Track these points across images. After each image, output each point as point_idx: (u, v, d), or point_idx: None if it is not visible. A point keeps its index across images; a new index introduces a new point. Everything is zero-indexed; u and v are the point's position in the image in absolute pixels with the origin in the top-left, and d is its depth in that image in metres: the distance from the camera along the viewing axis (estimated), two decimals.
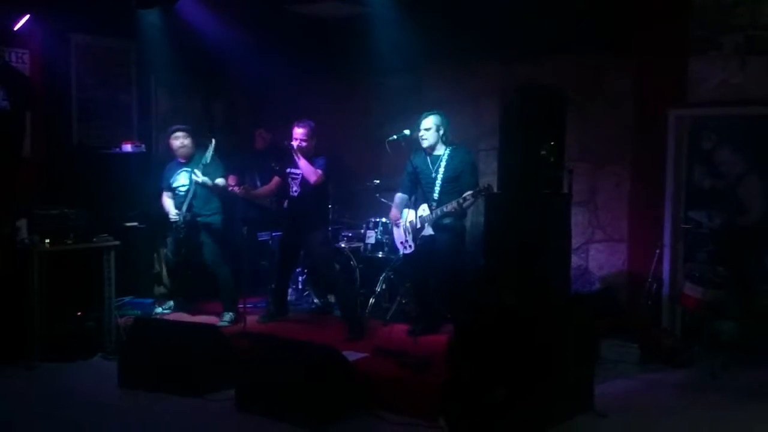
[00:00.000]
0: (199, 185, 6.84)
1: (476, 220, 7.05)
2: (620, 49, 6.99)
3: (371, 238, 7.31)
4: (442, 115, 6.37)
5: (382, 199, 7.42)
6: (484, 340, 4.91)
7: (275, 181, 7.01)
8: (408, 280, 6.84)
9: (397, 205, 6.62)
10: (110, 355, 6.45)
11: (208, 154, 6.81)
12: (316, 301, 7.52)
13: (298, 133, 6.65)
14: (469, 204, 6.00)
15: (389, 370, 5.47)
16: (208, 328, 6.26)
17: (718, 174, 6.66)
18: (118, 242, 6.84)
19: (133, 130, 8.18)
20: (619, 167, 7.12)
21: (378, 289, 7.16)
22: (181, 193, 7.00)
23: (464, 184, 6.16)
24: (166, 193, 7.17)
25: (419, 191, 6.14)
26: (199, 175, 6.77)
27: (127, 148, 7.63)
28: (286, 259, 6.99)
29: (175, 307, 7.36)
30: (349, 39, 7.98)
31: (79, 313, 6.67)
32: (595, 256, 7.30)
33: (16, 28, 7.14)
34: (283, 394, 5.16)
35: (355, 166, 8.20)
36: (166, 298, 7.49)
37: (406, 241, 6.45)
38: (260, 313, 7.07)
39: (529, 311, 4.99)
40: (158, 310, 7.28)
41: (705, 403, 5.44)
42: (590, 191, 7.27)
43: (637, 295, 6.82)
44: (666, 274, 6.80)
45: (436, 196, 6.24)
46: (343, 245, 7.44)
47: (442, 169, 6.28)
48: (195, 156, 7.00)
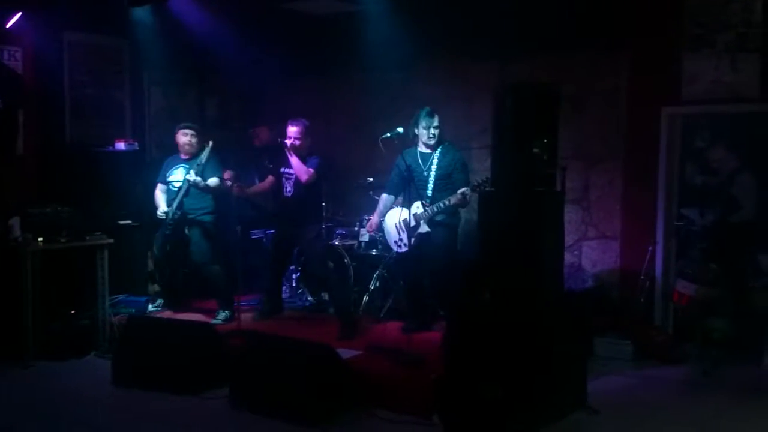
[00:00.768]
0: (192, 185, 6.84)
1: (469, 217, 7.05)
2: (613, 47, 7.00)
3: (365, 235, 7.31)
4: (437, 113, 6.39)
5: (376, 197, 7.40)
6: (477, 338, 4.92)
7: (269, 180, 7.01)
8: (402, 278, 6.86)
9: (380, 212, 6.63)
10: (104, 354, 6.46)
11: (204, 155, 6.82)
12: (309, 298, 7.53)
13: (292, 131, 6.65)
14: (470, 198, 6.02)
15: (383, 368, 5.48)
16: (202, 326, 6.27)
17: (710, 171, 6.68)
18: (112, 240, 6.86)
19: (126, 128, 8.18)
20: (612, 165, 7.12)
21: (372, 287, 7.16)
22: (174, 189, 7.00)
23: (457, 181, 6.20)
24: (161, 186, 7.15)
25: (412, 189, 6.12)
26: (192, 175, 6.77)
27: (120, 146, 7.64)
28: (280, 257, 6.99)
29: (164, 304, 7.36)
30: (342, 36, 7.97)
31: (72, 312, 6.69)
32: (588, 253, 7.31)
33: (8, 26, 7.12)
34: (276, 391, 5.17)
35: (348, 164, 8.20)
36: (157, 296, 7.49)
37: (401, 239, 6.45)
38: (254, 311, 7.07)
39: (519, 308, 5.00)
40: (149, 307, 7.28)
41: (697, 400, 5.46)
42: (583, 189, 7.27)
43: (629, 292, 6.82)
44: (659, 272, 6.81)
45: (430, 193, 6.25)
46: (336, 243, 7.44)
47: (434, 167, 6.29)
48: (197, 155, 7.01)
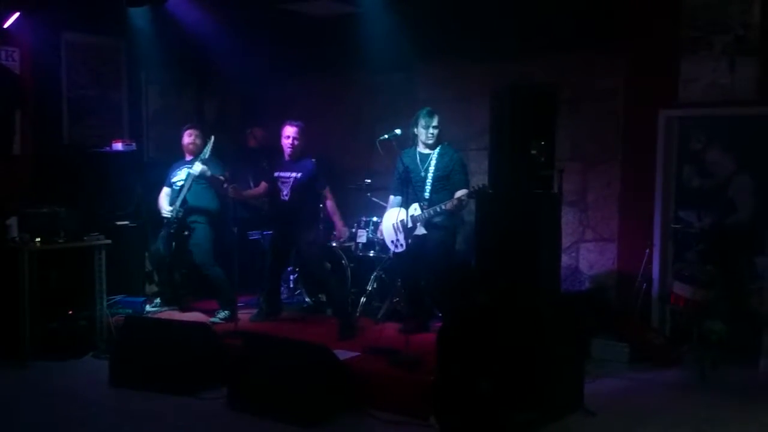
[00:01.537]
0: (196, 180, 6.84)
1: (467, 219, 7.06)
2: (611, 49, 7.01)
3: (362, 237, 7.30)
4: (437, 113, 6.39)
5: (374, 198, 7.42)
6: (473, 339, 4.92)
7: (262, 186, 7.02)
8: (399, 279, 6.86)
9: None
10: (102, 354, 6.45)
11: (207, 150, 6.81)
12: (307, 300, 7.53)
13: (290, 131, 6.67)
14: (467, 204, 6.02)
15: (381, 369, 5.47)
16: (200, 327, 6.26)
17: (707, 174, 6.69)
18: (110, 241, 6.85)
19: (123, 128, 8.18)
20: (610, 167, 7.14)
21: (369, 288, 7.16)
22: (177, 188, 7.02)
23: (456, 182, 6.20)
24: (165, 189, 7.17)
25: (409, 190, 6.10)
26: (198, 166, 6.75)
27: (118, 146, 7.63)
28: (278, 258, 6.98)
29: (162, 303, 7.35)
30: (341, 38, 7.97)
31: (70, 312, 6.69)
32: (585, 255, 7.32)
33: (6, 26, 7.13)
34: (274, 392, 5.17)
35: (346, 166, 8.21)
36: (155, 296, 7.49)
37: (398, 240, 6.45)
38: (252, 312, 7.07)
39: (516, 310, 5.00)
40: (147, 308, 7.27)
41: (694, 403, 5.46)
42: (580, 191, 7.28)
43: (627, 294, 6.84)
44: (656, 274, 6.82)
45: (427, 195, 6.25)
46: (334, 244, 7.43)
47: (432, 168, 6.29)
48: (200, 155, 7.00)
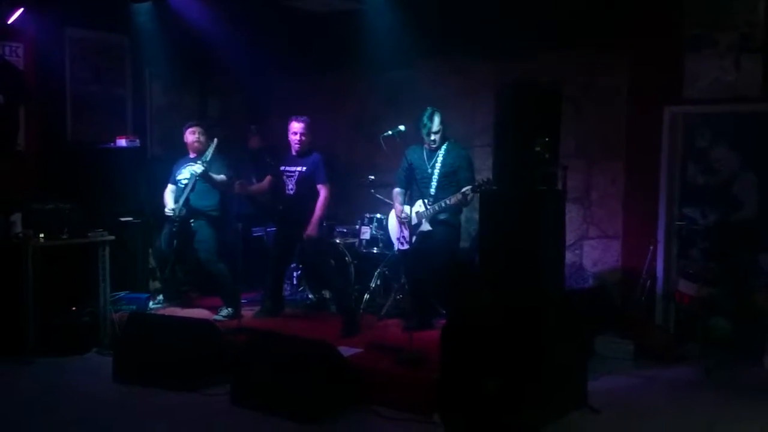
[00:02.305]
0: (199, 180, 6.83)
1: (471, 216, 7.05)
2: (615, 46, 7.00)
3: (366, 233, 7.30)
4: (440, 112, 6.34)
5: (378, 195, 7.41)
6: (477, 337, 4.92)
7: (267, 179, 7.01)
8: (403, 275, 6.85)
9: (400, 201, 6.59)
10: (105, 350, 6.47)
11: (209, 152, 6.80)
12: (311, 296, 7.52)
13: (297, 127, 6.67)
14: (471, 198, 6.01)
15: (384, 366, 5.47)
16: (203, 323, 6.27)
17: (712, 171, 6.68)
18: (113, 237, 6.86)
19: (127, 124, 8.19)
20: (614, 164, 7.13)
21: (373, 285, 7.16)
22: (181, 186, 7.01)
23: (462, 179, 6.18)
24: (171, 187, 7.16)
25: (414, 187, 6.10)
26: (198, 166, 6.75)
27: (122, 142, 7.65)
28: (281, 255, 6.98)
29: (165, 300, 7.35)
30: (344, 35, 7.95)
31: (73, 308, 6.69)
32: (590, 252, 7.31)
33: (10, 22, 7.13)
34: (278, 388, 5.17)
35: (350, 162, 8.20)
36: (158, 292, 7.49)
37: (403, 236, 6.45)
38: (256, 309, 7.07)
39: (519, 308, 5.00)
40: (150, 304, 7.27)
41: (698, 400, 5.46)
42: (585, 188, 7.27)
43: (631, 291, 6.83)
44: (660, 271, 6.82)
45: (433, 191, 6.24)
46: (337, 241, 7.43)
47: (438, 165, 6.27)
48: (205, 153, 7.00)
